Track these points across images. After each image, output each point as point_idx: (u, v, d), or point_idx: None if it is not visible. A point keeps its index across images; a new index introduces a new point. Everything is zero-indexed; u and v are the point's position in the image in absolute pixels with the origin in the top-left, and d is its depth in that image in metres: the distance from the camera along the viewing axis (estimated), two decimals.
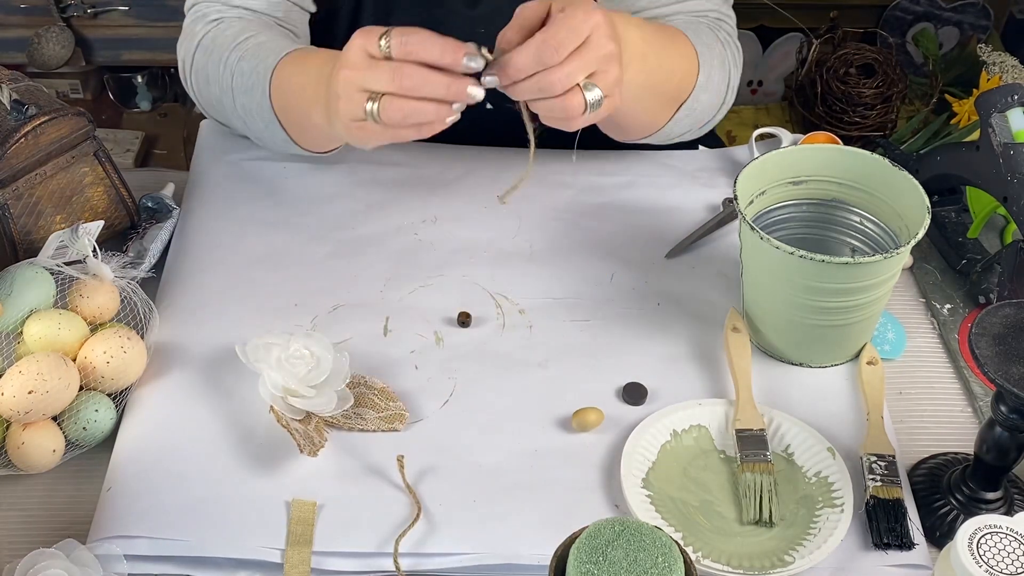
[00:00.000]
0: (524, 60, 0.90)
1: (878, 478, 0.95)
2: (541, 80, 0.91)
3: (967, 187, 1.20)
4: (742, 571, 0.90)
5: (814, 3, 2.14)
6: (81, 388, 0.98)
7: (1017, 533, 0.79)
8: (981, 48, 1.63)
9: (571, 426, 1.01)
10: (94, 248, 1.04)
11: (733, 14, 1.26)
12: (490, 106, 0.99)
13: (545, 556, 0.77)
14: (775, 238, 0.99)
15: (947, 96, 1.74)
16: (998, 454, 0.91)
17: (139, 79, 2.40)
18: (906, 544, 0.92)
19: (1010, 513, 0.93)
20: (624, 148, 1.30)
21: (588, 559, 0.70)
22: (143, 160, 2.32)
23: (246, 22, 1.20)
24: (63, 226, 1.11)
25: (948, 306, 1.15)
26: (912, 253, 1.16)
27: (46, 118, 1.08)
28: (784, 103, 2.20)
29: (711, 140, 1.42)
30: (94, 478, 0.97)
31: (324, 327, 1.08)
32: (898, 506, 0.94)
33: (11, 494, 0.97)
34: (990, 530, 0.79)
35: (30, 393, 0.94)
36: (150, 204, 1.20)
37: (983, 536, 0.79)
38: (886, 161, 1.04)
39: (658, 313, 1.12)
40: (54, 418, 0.97)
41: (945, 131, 1.43)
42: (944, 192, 1.21)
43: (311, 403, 0.98)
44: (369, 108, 0.92)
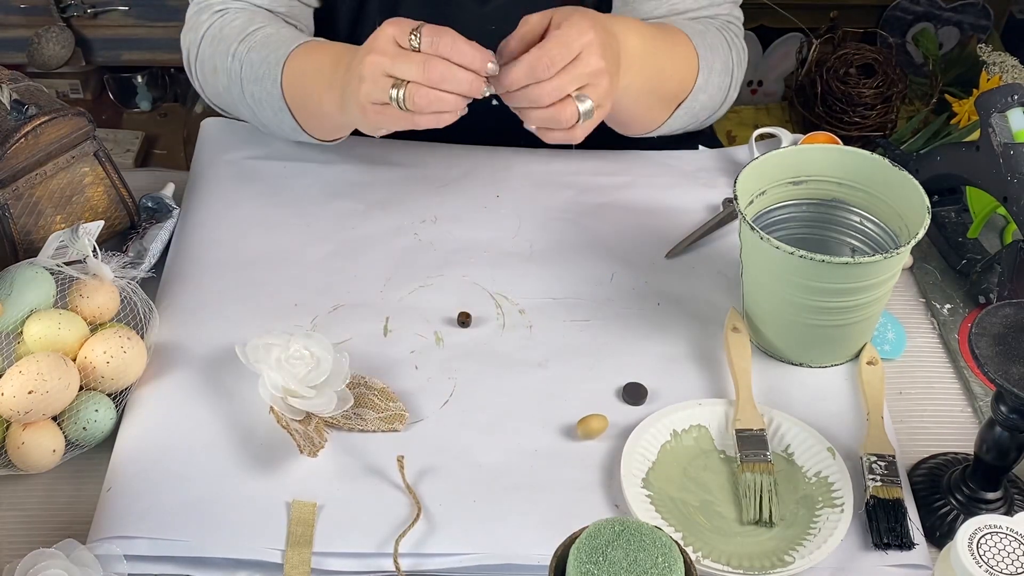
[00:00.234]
0: (518, 73, 0.99)
1: (878, 478, 0.95)
2: (532, 92, 0.99)
3: (967, 187, 1.20)
4: (742, 571, 0.90)
5: (814, 3, 2.14)
6: (81, 388, 0.98)
7: (1017, 533, 0.79)
8: (981, 48, 1.63)
9: (572, 426, 1.01)
10: (94, 248, 1.04)
11: (741, 13, 1.31)
12: (496, 102, 1.03)
13: (545, 556, 0.77)
14: (775, 238, 0.99)
15: (947, 96, 1.74)
16: (998, 454, 0.91)
17: (139, 79, 2.40)
18: (906, 544, 0.92)
19: (1010, 513, 0.93)
20: (624, 148, 1.30)
21: (588, 559, 0.70)
22: (143, 160, 2.32)
23: (251, 13, 1.23)
24: (63, 226, 1.11)
25: (948, 306, 1.15)
26: (912, 253, 1.16)
27: (46, 118, 1.08)
28: (784, 103, 2.20)
29: (711, 140, 1.43)
30: (94, 478, 0.97)
31: (324, 327, 1.08)
32: (898, 506, 0.94)
33: (11, 494, 0.97)
34: (990, 530, 0.79)
35: (30, 393, 0.94)
36: (150, 204, 1.20)
37: (983, 536, 0.79)
38: (886, 161, 1.04)
39: (658, 313, 1.12)
40: (54, 418, 0.97)
41: (945, 131, 1.43)
42: (944, 192, 1.21)
43: (311, 403, 0.98)
44: (394, 94, 0.99)
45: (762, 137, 1.30)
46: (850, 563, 0.92)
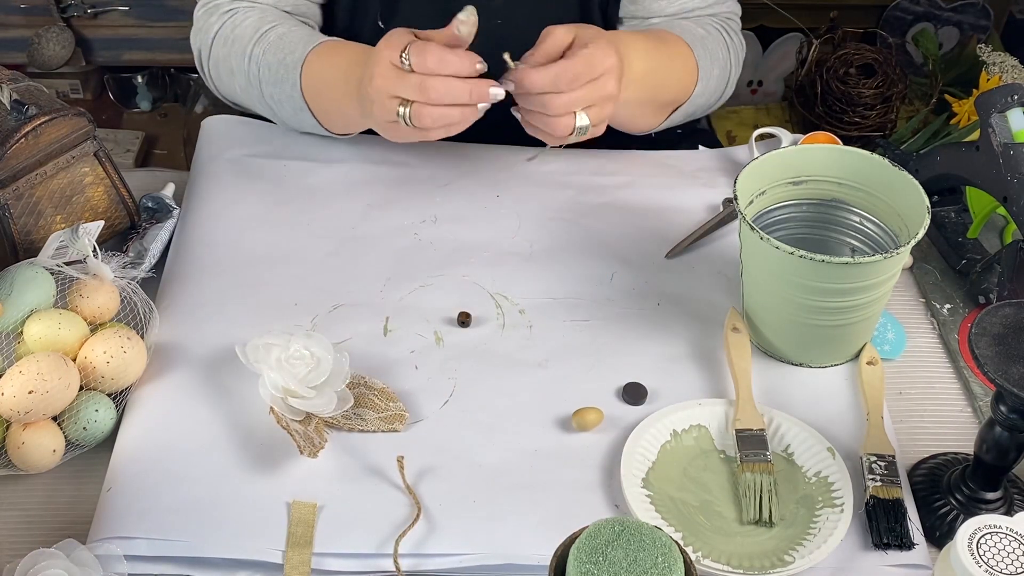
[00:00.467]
0: (542, 80, 1.03)
1: (878, 478, 0.95)
2: (547, 99, 1.04)
3: (967, 187, 1.20)
4: (742, 571, 0.90)
5: (814, 3, 2.14)
6: (81, 388, 0.98)
7: (1017, 533, 0.79)
8: (981, 48, 1.63)
9: (571, 426, 1.01)
10: (94, 248, 1.04)
11: (739, 8, 1.34)
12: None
13: (545, 556, 0.77)
14: (775, 238, 0.99)
15: (947, 96, 1.74)
16: (998, 454, 0.91)
17: (139, 79, 2.40)
18: (906, 544, 0.92)
19: (1010, 513, 0.93)
20: (624, 148, 1.30)
21: (588, 559, 0.70)
22: (143, 160, 2.32)
23: (261, 12, 1.24)
24: (63, 226, 1.11)
25: (948, 306, 1.15)
26: (912, 253, 1.16)
27: (46, 118, 1.08)
28: (784, 103, 2.20)
29: (711, 140, 1.43)
30: (94, 478, 0.97)
31: (324, 327, 1.08)
32: (898, 506, 0.94)
33: (11, 494, 0.97)
34: (990, 530, 0.79)
35: (30, 393, 0.94)
36: (150, 204, 1.20)
37: (983, 536, 0.79)
38: (886, 161, 1.04)
39: (658, 313, 1.12)
40: (54, 418, 0.97)
41: (945, 131, 1.43)
42: (944, 192, 1.21)
43: (311, 404, 0.98)
44: (401, 112, 1.04)
45: (762, 137, 1.31)
46: (850, 563, 0.92)
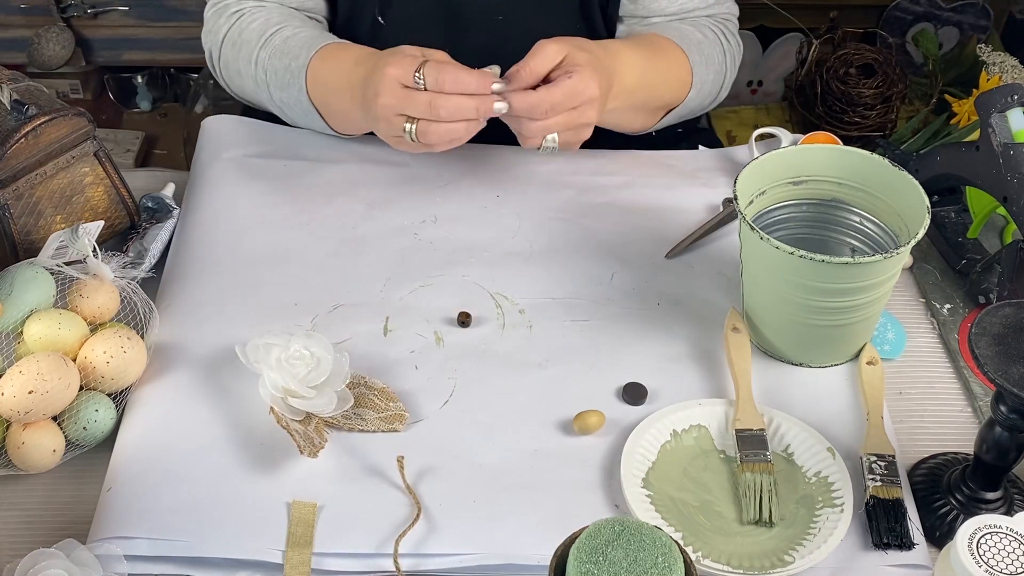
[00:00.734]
0: (519, 106, 1.06)
1: (878, 478, 0.95)
2: (523, 121, 1.08)
3: (967, 187, 1.20)
4: (742, 571, 0.90)
5: (814, 3, 2.14)
6: (81, 388, 0.98)
7: (1017, 533, 0.79)
8: (981, 48, 1.63)
9: (571, 426, 1.01)
10: (94, 248, 1.04)
11: (737, 8, 1.35)
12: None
13: (545, 556, 0.77)
14: (775, 238, 0.99)
15: (947, 96, 1.74)
16: (998, 454, 0.91)
17: (139, 79, 2.40)
18: (906, 544, 0.92)
19: (1010, 513, 0.93)
20: (624, 148, 1.30)
21: (588, 559, 0.70)
22: (143, 160, 2.32)
23: (267, 13, 1.25)
24: (63, 226, 1.11)
25: (948, 306, 1.15)
26: (912, 253, 1.16)
27: (46, 118, 1.08)
28: (784, 103, 2.20)
29: (711, 140, 1.43)
30: (94, 478, 0.97)
31: (324, 327, 1.08)
32: (898, 506, 0.94)
33: (11, 494, 0.97)
34: (990, 530, 0.79)
35: (30, 393, 0.94)
36: (150, 204, 1.20)
37: (983, 536, 0.79)
38: (886, 161, 1.04)
39: (658, 313, 1.12)
40: (54, 418, 0.97)
41: (945, 131, 1.43)
42: (944, 192, 1.21)
43: (311, 404, 0.98)
44: (407, 129, 1.07)
45: (762, 137, 1.31)
46: (850, 563, 0.92)
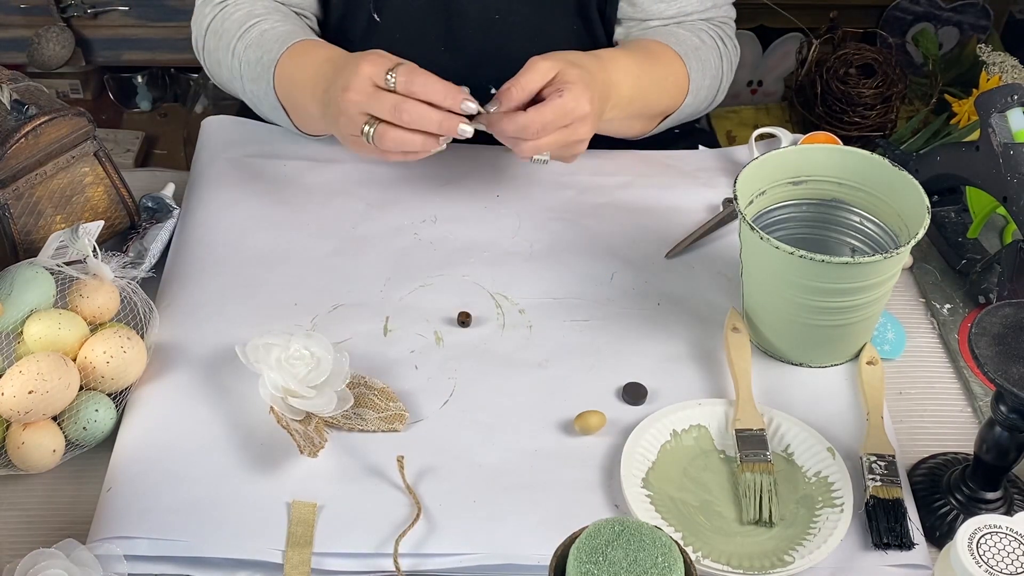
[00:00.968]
0: (509, 128, 1.06)
1: (878, 478, 0.95)
2: (515, 141, 1.07)
3: (967, 187, 1.20)
4: (742, 571, 0.90)
5: (814, 3, 2.14)
6: (81, 388, 0.98)
7: (1017, 533, 0.79)
8: (981, 48, 1.63)
9: (572, 426, 1.01)
10: (94, 248, 1.04)
11: (734, 11, 1.35)
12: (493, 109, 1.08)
13: (545, 556, 0.77)
14: (775, 238, 0.99)
15: (947, 96, 1.74)
16: (998, 454, 0.91)
17: (139, 79, 2.40)
18: (906, 544, 0.92)
19: (1010, 513, 0.93)
20: (624, 148, 1.30)
21: (588, 559, 0.70)
22: (143, 160, 2.32)
23: (250, 5, 1.26)
24: (63, 226, 1.11)
25: (948, 306, 1.15)
26: (912, 253, 1.16)
27: (46, 118, 1.08)
28: (784, 103, 2.20)
29: (711, 140, 1.43)
30: (94, 478, 0.97)
31: (324, 327, 1.08)
32: (898, 506, 0.94)
33: (11, 494, 0.97)
34: (990, 530, 0.79)
35: (30, 393, 0.94)
36: (150, 204, 1.20)
37: (983, 536, 0.79)
38: (886, 161, 1.04)
39: (658, 313, 1.12)
40: (54, 418, 0.97)
41: (945, 131, 1.43)
42: (944, 192, 1.21)
43: (311, 403, 0.98)
44: (366, 130, 1.05)
45: (762, 137, 1.31)
46: (850, 563, 0.92)
